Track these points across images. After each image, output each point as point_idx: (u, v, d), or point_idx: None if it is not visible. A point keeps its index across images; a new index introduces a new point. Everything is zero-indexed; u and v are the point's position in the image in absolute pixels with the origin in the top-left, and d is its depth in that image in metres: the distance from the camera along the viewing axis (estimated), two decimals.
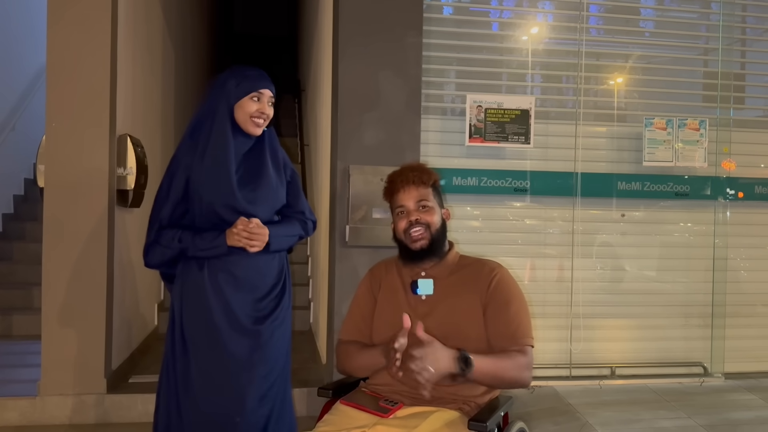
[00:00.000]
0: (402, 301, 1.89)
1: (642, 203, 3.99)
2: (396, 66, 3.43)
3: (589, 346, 3.94)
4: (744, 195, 4.07)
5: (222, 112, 2.09)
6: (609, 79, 4.10)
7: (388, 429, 1.66)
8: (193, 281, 2.09)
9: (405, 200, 1.90)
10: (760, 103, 4.55)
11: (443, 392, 1.74)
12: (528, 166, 3.85)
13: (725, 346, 4.04)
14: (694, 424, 3.35)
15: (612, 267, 4.06)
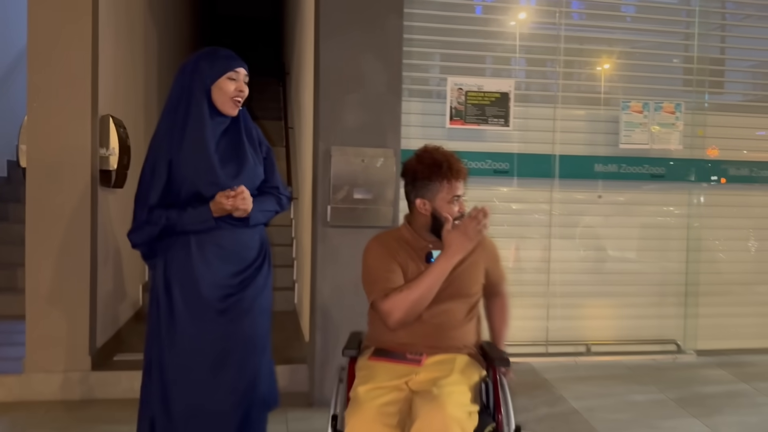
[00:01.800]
0: (417, 264, 2.07)
1: (619, 185, 4.08)
2: (377, 49, 3.47)
3: (566, 324, 4.05)
4: (721, 178, 4.17)
5: (198, 95, 2.13)
6: (588, 63, 4.17)
7: (429, 374, 1.91)
8: (181, 256, 2.14)
9: (461, 191, 2.08)
10: (738, 87, 4.65)
11: (454, 341, 2.03)
12: (507, 148, 3.92)
13: (698, 324, 4.17)
14: (665, 398, 3.47)
15: (589, 247, 4.16)
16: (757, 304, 4.30)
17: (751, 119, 4.29)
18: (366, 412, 1.75)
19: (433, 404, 1.74)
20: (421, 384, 1.88)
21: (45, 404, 3.29)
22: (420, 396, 1.82)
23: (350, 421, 1.75)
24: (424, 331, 2.00)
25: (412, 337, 2.00)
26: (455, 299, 2.05)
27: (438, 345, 2.00)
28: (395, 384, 1.87)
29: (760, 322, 4.29)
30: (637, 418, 3.21)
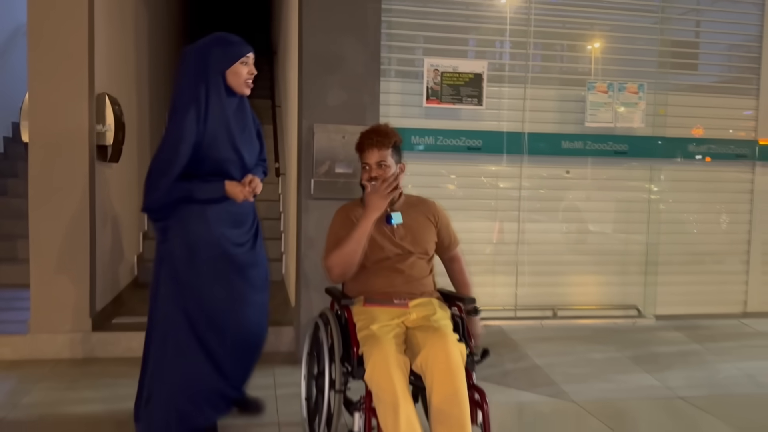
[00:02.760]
0: (379, 227, 2.42)
1: (585, 161, 4.35)
2: (356, 31, 3.70)
3: (534, 291, 4.35)
4: (681, 154, 4.46)
5: (215, 78, 2.41)
6: (557, 45, 4.41)
7: (419, 313, 2.31)
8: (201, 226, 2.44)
9: (368, 159, 2.44)
10: (705, 69, 4.90)
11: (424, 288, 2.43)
12: (480, 126, 4.17)
13: (657, 291, 4.48)
14: (622, 356, 3.79)
15: (557, 220, 4.44)
16: (712, 273, 4.61)
17: (711, 99, 4.56)
18: (386, 344, 2.08)
19: (436, 334, 2.12)
20: (416, 321, 2.28)
21: (49, 362, 3.55)
22: (420, 330, 2.20)
23: (375, 352, 2.06)
24: (400, 281, 2.40)
25: (392, 286, 2.39)
26: (419, 255, 2.46)
27: (413, 291, 2.40)
28: (395, 323, 2.26)
29: (715, 290, 4.61)
30: (594, 373, 3.53)
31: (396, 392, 2.00)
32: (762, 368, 3.68)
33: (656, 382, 3.42)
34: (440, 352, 2.06)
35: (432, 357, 2.06)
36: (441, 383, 2.03)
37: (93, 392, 3.14)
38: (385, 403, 2.01)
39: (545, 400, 3.16)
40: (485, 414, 2.14)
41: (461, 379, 2.05)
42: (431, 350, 2.07)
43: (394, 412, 1.98)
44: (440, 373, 2.04)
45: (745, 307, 4.67)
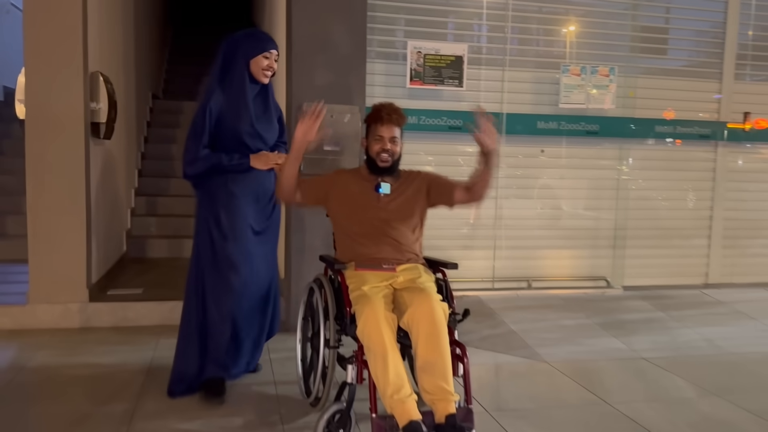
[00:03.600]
0: (369, 194, 2.65)
1: (558, 140, 4.59)
2: (343, 14, 3.86)
3: (510, 264, 4.59)
4: (647, 133, 4.72)
5: (241, 65, 2.80)
6: (533, 29, 4.62)
7: (405, 276, 2.51)
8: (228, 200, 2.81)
9: (384, 132, 2.65)
10: (673, 53, 5.14)
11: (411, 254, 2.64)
12: (461, 106, 4.37)
13: (625, 264, 4.76)
14: (591, 323, 4.06)
15: (532, 196, 4.68)
16: (677, 247, 4.90)
17: (677, 82, 4.81)
18: (376, 302, 2.29)
19: (422, 294, 2.33)
20: (403, 283, 2.48)
21: (48, 331, 3.70)
22: (407, 290, 2.40)
23: (366, 309, 2.26)
24: (388, 248, 2.60)
25: (380, 252, 2.59)
26: (403, 223, 2.67)
27: (400, 258, 2.61)
28: (384, 284, 2.46)
29: (679, 263, 4.91)
30: (565, 337, 3.79)
31: (385, 344, 2.21)
32: (719, 333, 3.98)
33: (622, 345, 3.69)
34: (425, 309, 2.27)
35: (418, 314, 2.27)
36: (426, 337, 2.25)
37: (94, 357, 3.30)
38: (375, 354, 2.22)
39: (520, 361, 3.42)
40: (465, 366, 2.36)
41: (444, 334, 2.27)
42: (417, 308, 2.28)
43: (383, 362, 2.19)
44: (425, 328, 2.25)
45: (706, 279, 4.99)
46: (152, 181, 6.15)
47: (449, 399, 2.20)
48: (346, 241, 2.68)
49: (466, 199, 2.70)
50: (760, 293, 4.87)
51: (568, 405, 2.88)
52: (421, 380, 2.25)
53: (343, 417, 2.34)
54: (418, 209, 2.71)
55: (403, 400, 2.16)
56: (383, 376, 2.19)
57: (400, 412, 2.15)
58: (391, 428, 2.19)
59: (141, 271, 4.89)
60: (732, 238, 5.01)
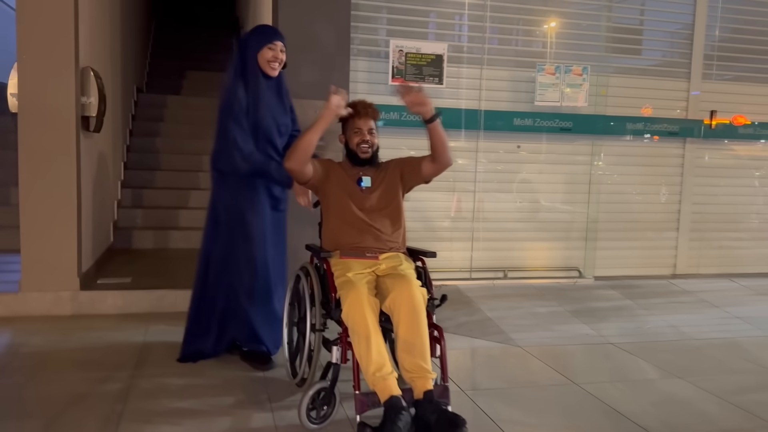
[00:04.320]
0: (352, 188, 2.81)
1: (534, 137, 4.79)
2: (328, 13, 4.01)
3: (487, 255, 4.79)
4: (618, 130, 4.93)
5: (252, 61, 2.98)
6: (510, 29, 4.80)
7: (387, 264, 2.66)
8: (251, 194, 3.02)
9: (362, 125, 2.83)
10: (644, 53, 5.36)
11: (392, 244, 2.79)
12: (441, 103, 4.53)
13: (596, 255, 4.98)
14: (563, 310, 4.27)
15: (508, 190, 4.87)
16: (646, 239, 5.14)
17: (648, 81, 5.04)
18: (360, 287, 2.45)
19: (403, 280, 2.50)
20: (385, 270, 2.65)
21: (40, 318, 3.81)
22: (389, 277, 2.57)
23: (351, 294, 2.42)
24: (371, 237, 2.76)
25: (363, 242, 2.75)
26: (384, 214, 2.83)
27: (382, 247, 2.77)
28: (368, 272, 2.62)
29: (648, 254, 5.15)
30: (538, 323, 4.00)
31: (368, 326, 2.38)
32: (684, 320, 4.21)
33: (592, 331, 3.90)
34: (406, 294, 2.45)
35: (399, 299, 2.44)
36: (406, 319, 2.42)
37: (86, 342, 3.42)
38: (359, 335, 2.38)
39: (495, 345, 3.61)
40: (442, 347, 2.54)
41: (423, 317, 2.45)
42: (398, 293, 2.45)
43: (366, 342, 2.36)
44: (406, 311, 2.42)
45: (674, 270, 5.23)
46: (138, 173, 6.24)
47: (427, 377, 2.38)
48: (332, 230, 2.83)
49: (435, 169, 2.85)
50: (724, 283, 5.12)
51: (538, 385, 3.07)
52: (401, 359, 2.42)
53: (327, 394, 2.50)
54: (396, 197, 2.87)
55: (385, 377, 2.33)
56: (366, 356, 2.35)
57: (381, 389, 2.32)
58: (372, 404, 2.36)
59: (128, 261, 5.00)
60: (699, 231, 5.26)
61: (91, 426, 2.45)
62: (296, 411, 2.47)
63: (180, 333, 3.23)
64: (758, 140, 5.29)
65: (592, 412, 2.74)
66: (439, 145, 2.78)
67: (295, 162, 2.70)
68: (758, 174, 5.39)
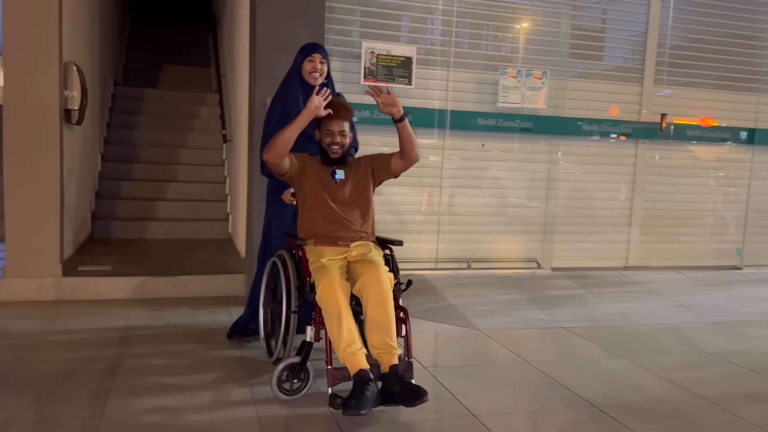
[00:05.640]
0: (327, 181, 3.02)
1: (497, 136, 5.09)
2: (303, 16, 4.23)
3: (452, 246, 5.08)
4: (575, 131, 5.26)
5: (296, 73, 3.35)
6: (475, 33, 5.09)
7: (357, 251, 2.89)
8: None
9: (333, 127, 3.01)
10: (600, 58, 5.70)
11: (362, 233, 3.00)
12: (410, 103, 4.79)
13: (554, 248, 5.31)
14: (521, 298, 4.58)
15: (473, 186, 5.17)
16: (600, 233, 5.49)
17: (604, 84, 5.38)
18: (333, 271, 2.69)
19: (371, 265, 2.75)
20: (355, 257, 2.88)
21: (24, 303, 3.98)
22: (359, 263, 2.81)
23: (324, 278, 2.65)
24: (343, 227, 2.97)
25: (336, 231, 2.96)
26: (356, 206, 3.05)
27: (353, 236, 2.98)
28: (340, 258, 2.86)
29: (601, 247, 5.50)
30: (497, 310, 4.30)
31: (340, 306, 2.63)
32: (632, 308, 4.56)
33: (546, 317, 4.22)
34: (374, 277, 2.70)
35: (368, 282, 2.70)
36: (374, 300, 2.67)
37: (71, 325, 3.62)
38: (331, 315, 2.63)
39: (457, 329, 3.90)
40: (407, 327, 2.81)
41: (389, 298, 2.70)
42: (368, 277, 2.71)
43: (338, 321, 2.61)
44: (374, 293, 2.68)
45: (626, 262, 5.60)
46: (115, 165, 6.38)
47: (393, 353, 2.64)
48: (307, 220, 3.05)
49: (403, 165, 3.09)
50: (671, 275, 5.50)
51: (494, 363, 3.37)
52: (369, 337, 2.68)
53: (298, 369, 2.75)
54: (367, 191, 3.10)
55: (354, 352, 2.58)
56: (338, 333, 2.60)
57: (351, 363, 2.57)
58: (343, 378, 2.62)
59: (107, 251, 5.16)
60: (649, 226, 5.63)
61: (82, 399, 2.66)
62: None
63: (161, 318, 3.45)
64: (705, 142, 5.68)
65: (540, 386, 3.04)
66: (407, 143, 3.03)
67: (272, 155, 2.90)
68: (705, 173, 5.78)
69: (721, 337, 3.99)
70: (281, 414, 2.61)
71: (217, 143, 6.77)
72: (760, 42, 5.69)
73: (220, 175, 6.65)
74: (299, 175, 3.04)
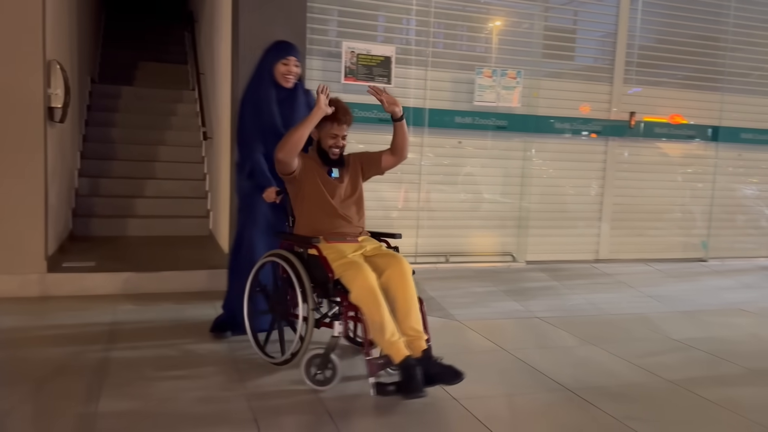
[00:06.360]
0: (325, 178, 3.11)
1: (473, 134, 5.24)
2: (285, 17, 4.32)
3: (431, 241, 5.22)
4: (548, 129, 5.44)
5: (268, 73, 3.31)
6: (453, 34, 5.23)
7: (368, 246, 3.05)
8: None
9: (338, 131, 3.13)
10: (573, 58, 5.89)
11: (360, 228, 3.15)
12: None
13: (528, 242, 5.49)
14: (497, 290, 4.75)
15: (451, 182, 5.32)
16: (572, 227, 5.69)
17: (575, 84, 5.57)
18: (366, 267, 2.79)
19: (395, 258, 2.94)
20: (370, 252, 3.02)
21: (9, 299, 4.00)
22: (377, 257, 2.94)
23: (360, 274, 2.73)
24: (343, 223, 3.08)
25: (339, 228, 3.06)
26: (351, 201, 3.17)
27: (354, 232, 3.12)
28: (358, 254, 2.96)
29: (574, 241, 5.70)
30: (475, 302, 4.46)
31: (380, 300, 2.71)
32: (602, 298, 4.76)
33: (521, 308, 4.39)
34: (401, 269, 2.88)
35: (396, 274, 2.85)
36: (404, 291, 2.83)
37: (59, 320, 3.67)
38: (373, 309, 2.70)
39: (436, 320, 4.03)
40: (424, 314, 2.95)
41: (414, 288, 2.89)
42: (395, 269, 2.87)
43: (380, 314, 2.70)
44: (403, 284, 2.85)
45: (597, 255, 5.80)
46: (95, 163, 6.38)
47: (422, 338, 2.82)
48: (308, 218, 3.07)
49: (394, 161, 3.24)
50: (640, 267, 5.73)
51: (472, 351, 3.52)
52: (402, 325, 2.80)
53: (325, 360, 2.82)
54: (359, 187, 3.22)
55: (397, 341, 2.72)
56: (381, 324, 2.70)
57: (396, 351, 2.69)
58: (382, 367, 2.76)
59: (88, 248, 5.19)
60: (619, 220, 5.84)
61: (78, 389, 2.73)
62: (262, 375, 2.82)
63: (147, 312, 3.52)
64: (672, 139, 5.91)
65: (516, 372, 3.20)
66: (402, 141, 3.20)
67: (287, 154, 2.96)
68: (672, 170, 6.01)
69: (687, 325, 4.21)
70: (272, 403, 2.72)
71: (196, 140, 6.81)
72: (723, 43, 5.94)
73: (199, 173, 6.69)
74: (301, 174, 3.08)
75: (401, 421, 2.58)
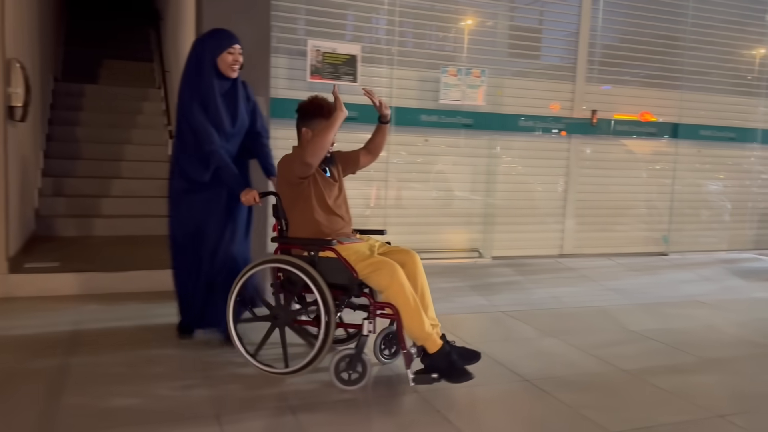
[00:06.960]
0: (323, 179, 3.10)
1: (439, 132, 5.31)
2: (249, 14, 4.32)
3: (399, 238, 5.23)
4: (512, 127, 5.53)
5: (209, 64, 3.12)
6: (417, 33, 5.29)
7: (377, 244, 3.11)
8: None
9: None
10: (536, 57, 6.00)
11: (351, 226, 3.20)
12: (356, 100, 4.92)
13: (494, 238, 5.58)
14: (463, 285, 4.82)
15: (417, 180, 5.38)
16: (537, 223, 5.79)
17: (538, 83, 5.67)
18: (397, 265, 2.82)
19: (409, 254, 3.04)
20: (381, 249, 3.08)
21: None
22: (391, 253, 3.03)
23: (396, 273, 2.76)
24: (341, 222, 3.12)
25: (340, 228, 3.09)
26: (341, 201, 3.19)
27: (350, 231, 3.18)
28: (373, 251, 3.02)
29: (538, 236, 5.81)
30: (442, 297, 4.49)
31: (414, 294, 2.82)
32: (565, 292, 4.87)
33: (486, 302, 4.47)
34: (416, 263, 3.01)
35: (414, 268, 2.98)
36: (422, 284, 3.00)
37: (21, 321, 3.62)
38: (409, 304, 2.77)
39: None
40: None
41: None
42: (412, 265, 2.99)
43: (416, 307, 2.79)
44: (421, 278, 3.01)
45: (561, 250, 5.92)
46: (59, 162, 6.30)
47: (438, 326, 2.96)
48: (310, 219, 3.02)
49: (370, 160, 3.35)
50: (602, 261, 5.86)
51: None
52: None
53: (355, 360, 2.84)
54: (343, 185, 3.24)
55: (432, 332, 2.83)
56: (419, 316, 2.79)
57: (434, 340, 2.81)
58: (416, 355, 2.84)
59: (52, 248, 5.13)
60: (582, 216, 5.97)
61: (39, 392, 2.71)
62: (225, 370, 2.84)
63: (113, 312, 3.51)
64: (634, 136, 6.05)
65: (478, 364, 3.23)
66: (382, 142, 3.36)
67: (317, 159, 2.94)
68: (633, 166, 6.16)
69: (646, 317, 4.33)
70: (236, 395, 2.74)
71: (161, 139, 6.76)
72: (682, 42, 6.10)
73: (165, 171, 6.62)
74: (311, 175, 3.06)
75: (362, 413, 2.62)
